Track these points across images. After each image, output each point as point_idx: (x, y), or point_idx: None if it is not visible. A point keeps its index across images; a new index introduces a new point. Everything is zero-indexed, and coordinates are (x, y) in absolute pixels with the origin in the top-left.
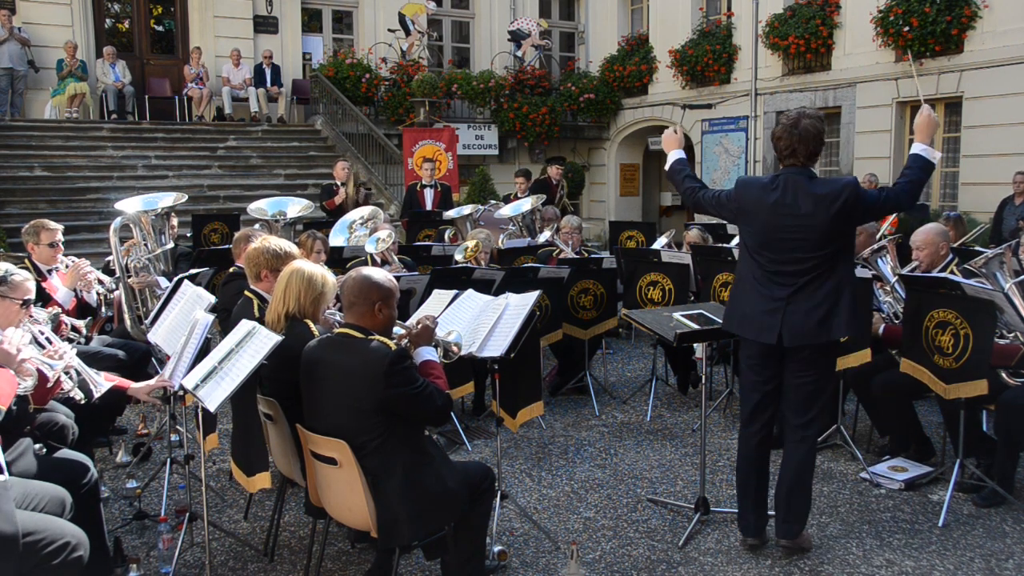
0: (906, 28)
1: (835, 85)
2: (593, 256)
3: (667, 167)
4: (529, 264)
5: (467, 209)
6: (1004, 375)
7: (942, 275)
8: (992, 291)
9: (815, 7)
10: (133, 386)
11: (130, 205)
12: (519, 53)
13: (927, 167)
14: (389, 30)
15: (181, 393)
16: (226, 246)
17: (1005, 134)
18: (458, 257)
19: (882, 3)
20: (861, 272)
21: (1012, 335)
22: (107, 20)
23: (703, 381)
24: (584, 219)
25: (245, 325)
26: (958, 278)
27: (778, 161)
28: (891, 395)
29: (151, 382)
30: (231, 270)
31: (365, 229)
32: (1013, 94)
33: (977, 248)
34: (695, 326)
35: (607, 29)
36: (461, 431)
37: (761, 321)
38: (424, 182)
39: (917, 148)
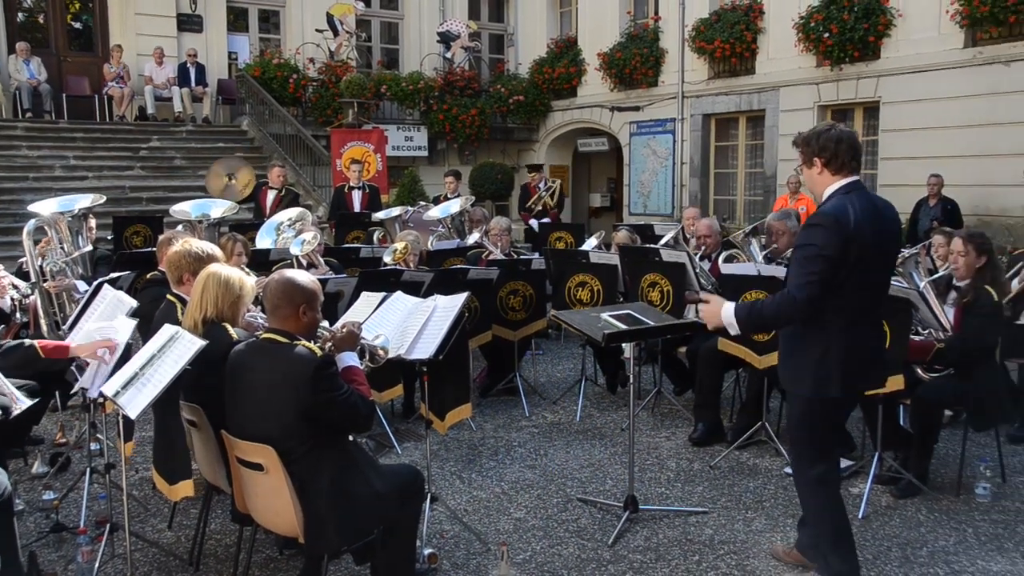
0: (826, 34)
1: (759, 89)
2: (522, 257)
3: (736, 329)
4: (458, 266)
5: (396, 211)
6: (919, 370)
7: None
8: (908, 289)
9: (740, 12)
10: (74, 346)
11: (45, 207)
12: (448, 55)
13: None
14: (317, 30)
15: (101, 400)
16: (149, 249)
17: (920, 138)
18: (387, 259)
19: (804, 10)
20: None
21: (926, 332)
22: (20, 14)
23: (631, 381)
24: (513, 220)
25: (167, 330)
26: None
27: (841, 170)
28: None
29: (96, 341)
30: (148, 276)
31: (292, 231)
32: (927, 99)
33: None
34: (623, 326)
35: (536, 31)
36: (391, 434)
37: (874, 366)
38: (352, 184)
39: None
